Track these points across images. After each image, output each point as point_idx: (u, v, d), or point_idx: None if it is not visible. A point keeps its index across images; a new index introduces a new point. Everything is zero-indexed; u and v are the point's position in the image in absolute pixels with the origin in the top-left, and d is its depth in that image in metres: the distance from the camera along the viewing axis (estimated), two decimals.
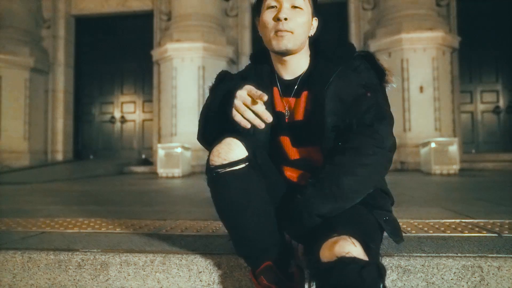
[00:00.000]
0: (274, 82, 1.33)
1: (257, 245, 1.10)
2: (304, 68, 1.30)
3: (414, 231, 1.63)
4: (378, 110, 1.14)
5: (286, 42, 1.21)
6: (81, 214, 2.32)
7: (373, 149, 1.09)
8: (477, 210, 2.22)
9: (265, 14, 1.24)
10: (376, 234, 1.10)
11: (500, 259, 1.19)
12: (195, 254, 1.33)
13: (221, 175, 1.09)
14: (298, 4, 1.22)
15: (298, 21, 1.22)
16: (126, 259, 1.35)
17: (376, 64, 1.21)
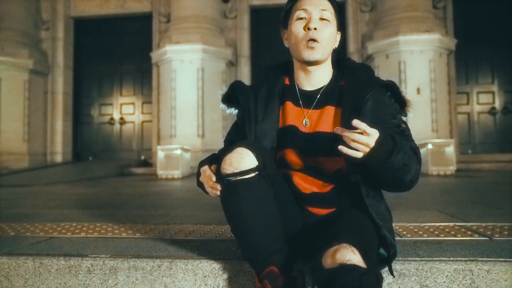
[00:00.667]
0: (291, 94, 1.38)
1: (263, 251, 1.16)
2: (326, 81, 1.37)
3: (409, 235, 1.70)
4: (413, 139, 1.27)
5: (316, 53, 1.29)
6: (86, 219, 2.38)
7: (415, 169, 1.19)
8: (471, 213, 2.29)
9: (295, 25, 1.31)
10: (375, 245, 1.17)
11: (489, 263, 1.26)
12: (200, 259, 1.40)
13: (232, 183, 1.15)
14: (326, 16, 1.30)
15: (326, 32, 1.29)
16: (134, 264, 1.41)
17: (400, 94, 1.29)
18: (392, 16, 7.88)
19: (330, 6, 1.33)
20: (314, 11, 1.29)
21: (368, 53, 8.11)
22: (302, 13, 1.31)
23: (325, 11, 1.30)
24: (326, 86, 1.36)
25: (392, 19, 7.85)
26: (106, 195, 4.14)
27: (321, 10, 1.30)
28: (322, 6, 1.31)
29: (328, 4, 1.32)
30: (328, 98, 1.33)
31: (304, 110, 1.35)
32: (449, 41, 7.89)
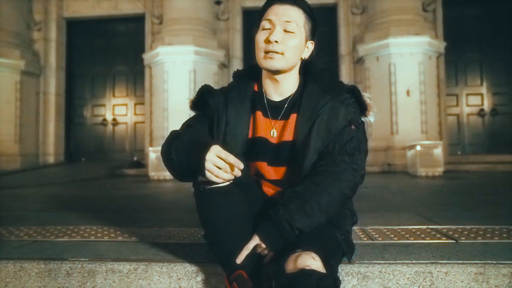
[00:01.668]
0: (260, 103, 1.40)
1: (233, 255, 1.22)
2: (293, 90, 1.39)
3: (381, 238, 1.76)
4: (359, 143, 1.28)
5: (275, 63, 1.30)
6: (72, 221, 2.42)
7: (351, 176, 1.24)
8: (446, 216, 2.36)
9: (259, 35, 1.33)
10: (337, 251, 1.23)
11: (448, 265, 1.32)
12: (175, 262, 1.45)
13: (206, 191, 1.20)
14: (291, 29, 1.30)
15: (289, 44, 1.30)
16: (111, 267, 1.46)
17: (361, 98, 1.32)
18: (382, 19, 7.97)
19: (299, 15, 1.32)
20: (278, 22, 1.29)
21: (359, 55, 8.20)
22: (267, 23, 1.31)
23: (289, 23, 1.29)
24: (292, 96, 1.38)
25: (382, 22, 7.94)
26: (95, 197, 4.18)
27: (285, 22, 1.29)
28: (288, 17, 1.30)
29: (296, 14, 1.31)
30: (293, 107, 1.36)
31: (272, 121, 1.38)
32: (438, 44, 8.00)
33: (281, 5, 1.31)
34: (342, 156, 1.24)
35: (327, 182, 1.21)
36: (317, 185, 1.20)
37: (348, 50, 8.67)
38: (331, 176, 1.21)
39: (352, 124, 1.28)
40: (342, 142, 1.25)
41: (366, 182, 4.53)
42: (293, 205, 1.17)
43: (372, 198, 3.39)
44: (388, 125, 7.66)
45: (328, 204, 1.20)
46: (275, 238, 1.18)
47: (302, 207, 1.17)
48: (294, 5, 1.32)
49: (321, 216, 1.19)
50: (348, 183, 1.23)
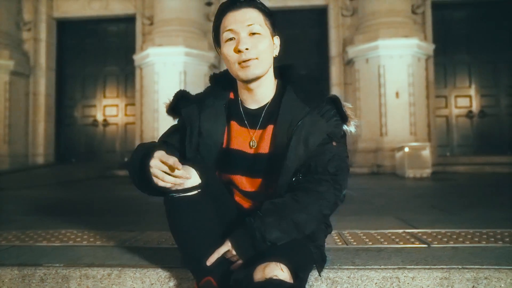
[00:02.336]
0: (236, 113, 1.37)
1: (202, 262, 1.23)
2: (270, 97, 1.35)
3: (355, 243, 1.78)
4: (341, 162, 1.27)
5: (253, 70, 1.25)
6: (54, 225, 2.42)
7: (334, 197, 1.23)
8: (425, 219, 2.39)
9: (225, 48, 1.27)
10: (308, 263, 1.23)
11: (415, 270, 1.35)
12: (148, 268, 1.47)
13: (175, 199, 1.22)
14: (256, 30, 1.25)
15: (260, 47, 1.25)
16: (85, 272, 1.47)
17: (341, 109, 1.30)
18: (372, 21, 8.02)
19: (258, 15, 1.27)
20: (241, 29, 1.25)
21: (349, 57, 8.24)
22: (230, 34, 1.26)
23: (252, 25, 1.25)
24: (270, 103, 1.34)
25: (372, 24, 7.99)
26: (82, 199, 4.18)
27: (247, 26, 1.25)
28: (248, 21, 1.25)
29: (255, 15, 1.27)
30: (271, 117, 1.32)
31: (250, 130, 1.34)
32: (427, 46, 8.06)
33: (236, 11, 1.27)
34: (325, 176, 1.23)
35: (308, 200, 1.20)
36: (298, 202, 1.20)
37: (338, 51, 8.71)
38: (314, 195, 1.21)
39: (333, 140, 1.26)
40: (324, 161, 1.24)
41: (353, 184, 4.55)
42: (270, 218, 1.17)
43: (356, 201, 3.42)
44: (377, 127, 7.71)
45: (305, 223, 1.19)
46: (246, 247, 1.19)
47: (278, 223, 1.17)
48: (250, 7, 1.27)
49: (296, 233, 1.19)
50: (329, 203, 1.23)
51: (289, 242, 1.19)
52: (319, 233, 1.35)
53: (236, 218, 1.33)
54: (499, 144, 8.58)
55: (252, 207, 1.37)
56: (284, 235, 1.17)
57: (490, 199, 3.46)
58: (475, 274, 1.32)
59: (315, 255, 1.27)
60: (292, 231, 1.18)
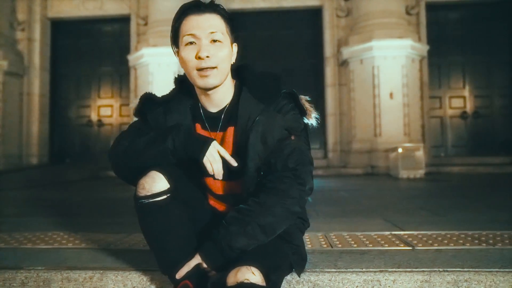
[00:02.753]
0: (198, 116, 1.36)
1: (177, 266, 1.23)
2: (228, 100, 1.33)
3: (340, 245, 1.78)
4: (301, 155, 1.23)
5: (212, 80, 1.24)
6: (42, 227, 2.41)
7: (298, 192, 1.20)
8: (413, 221, 2.39)
9: (185, 51, 1.25)
10: (282, 265, 1.21)
11: (396, 273, 1.35)
12: (130, 271, 1.46)
13: (144, 205, 1.22)
14: (218, 38, 1.24)
15: (220, 55, 1.24)
16: (67, 275, 1.47)
17: (299, 103, 1.29)
18: (366, 22, 8.03)
19: (220, 22, 1.26)
20: (203, 35, 1.23)
21: (343, 58, 8.26)
22: (191, 38, 1.23)
23: (215, 33, 1.23)
24: (228, 105, 1.33)
25: (366, 25, 8.00)
26: (72, 201, 4.16)
27: (210, 33, 1.23)
28: (211, 28, 1.24)
29: (218, 22, 1.25)
30: (230, 119, 1.32)
31: (211, 133, 1.34)
32: (421, 47, 8.08)
33: (199, 16, 1.24)
34: (285, 172, 1.20)
35: (271, 201, 1.17)
36: (261, 205, 1.17)
37: (333, 52, 8.72)
38: (276, 194, 1.18)
39: (291, 134, 1.25)
40: (283, 157, 1.21)
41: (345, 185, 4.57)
42: (234, 226, 1.16)
43: (346, 202, 3.43)
44: (372, 127, 7.72)
45: (272, 225, 1.17)
46: (215, 258, 1.18)
47: (243, 229, 1.15)
48: (213, 13, 1.25)
49: (265, 237, 1.17)
50: (294, 199, 1.19)
51: (263, 244, 1.18)
52: (295, 231, 1.33)
53: (211, 222, 1.34)
54: (492, 145, 8.62)
55: (226, 209, 1.37)
56: (252, 241, 1.16)
57: (481, 200, 3.47)
58: (456, 277, 1.32)
59: (294, 256, 1.27)
60: (260, 235, 1.16)
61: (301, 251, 1.33)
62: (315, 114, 1.32)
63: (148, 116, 1.36)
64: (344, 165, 8.13)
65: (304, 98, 1.32)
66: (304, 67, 8.97)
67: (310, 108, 1.31)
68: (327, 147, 8.67)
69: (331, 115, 8.60)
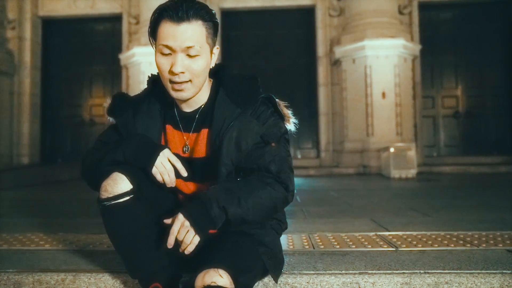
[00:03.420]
0: (171, 115, 1.32)
1: (146, 269, 1.19)
2: (203, 100, 1.30)
3: (323, 246, 1.75)
4: (282, 162, 1.21)
5: (185, 94, 1.21)
6: (23, 228, 2.36)
7: (282, 190, 1.19)
8: (399, 222, 2.36)
9: (160, 59, 1.19)
10: (254, 267, 1.16)
11: (375, 275, 1.32)
12: (103, 273, 1.42)
13: (107, 208, 1.18)
14: (194, 52, 1.16)
15: (195, 69, 1.18)
16: (38, 278, 1.42)
17: (277, 108, 1.26)
18: (359, 21, 8.01)
19: (200, 31, 1.16)
20: (178, 48, 1.15)
21: (336, 57, 8.24)
22: (166, 49, 1.16)
23: (191, 47, 1.15)
24: (203, 106, 1.30)
25: (359, 24, 7.98)
26: (60, 201, 4.10)
27: (186, 48, 1.15)
28: (188, 41, 1.14)
29: (196, 33, 1.16)
30: (204, 120, 1.29)
31: (184, 134, 1.31)
32: (414, 47, 8.07)
33: (177, 25, 1.14)
34: (268, 174, 1.19)
35: (258, 185, 1.16)
36: (250, 184, 1.16)
37: (325, 51, 8.70)
38: (263, 183, 1.17)
39: (270, 140, 1.21)
40: (265, 163, 1.19)
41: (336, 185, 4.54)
42: (222, 192, 1.12)
43: (335, 202, 3.40)
44: (364, 127, 7.70)
45: (258, 205, 1.14)
46: (202, 217, 1.08)
47: (231, 196, 1.11)
48: (193, 20, 1.15)
49: (249, 212, 1.12)
50: (277, 192, 1.18)
51: (233, 246, 1.15)
52: (269, 233, 1.29)
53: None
54: (485, 145, 8.63)
55: None
56: (239, 210, 1.11)
57: (471, 200, 3.45)
58: (436, 279, 1.29)
59: (270, 260, 1.21)
60: (247, 208, 1.11)
61: (277, 255, 1.27)
62: (294, 120, 1.29)
63: (117, 121, 1.33)
64: (336, 165, 8.11)
65: (282, 103, 1.29)
66: (296, 66, 8.94)
67: (288, 113, 1.28)
68: (320, 146, 8.64)
69: (323, 114, 8.58)
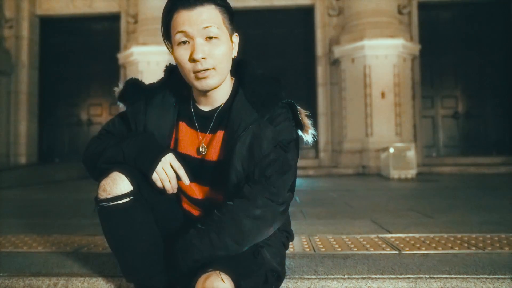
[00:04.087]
0: (187, 113, 1.24)
1: (143, 273, 1.14)
2: (223, 99, 1.22)
3: (324, 249, 1.70)
4: (282, 165, 1.12)
5: (211, 82, 1.13)
6: (16, 229, 2.31)
7: (264, 200, 1.07)
8: (400, 223, 2.32)
9: (178, 51, 1.12)
10: (256, 271, 1.09)
11: (379, 280, 1.27)
12: (97, 277, 1.37)
13: (105, 209, 1.12)
14: (214, 34, 1.10)
15: (217, 54, 1.11)
16: (30, 283, 1.37)
17: (297, 115, 1.17)
18: (358, 21, 7.98)
19: (216, 14, 1.11)
20: (196, 33, 1.09)
21: (335, 57, 8.19)
22: (183, 37, 1.10)
23: (209, 27, 1.09)
24: (222, 106, 1.22)
25: (358, 24, 7.95)
26: (55, 201, 4.05)
27: (203, 29, 1.09)
28: (204, 22, 1.09)
29: (212, 14, 1.10)
30: (221, 121, 1.21)
31: (199, 134, 1.23)
32: (413, 47, 8.03)
33: (190, 10, 1.09)
34: (260, 179, 1.09)
35: (235, 210, 1.06)
36: (223, 214, 1.06)
37: (324, 51, 8.65)
38: (241, 203, 1.07)
39: (279, 145, 1.13)
40: (263, 166, 1.10)
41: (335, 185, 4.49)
42: (192, 235, 1.06)
43: (334, 203, 3.35)
44: (363, 127, 7.66)
45: (235, 235, 1.05)
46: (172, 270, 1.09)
47: (200, 239, 1.05)
48: (205, 4, 1.10)
49: (224, 248, 1.05)
50: (262, 209, 1.06)
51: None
52: (279, 248, 1.23)
53: (181, 227, 1.23)
54: (484, 145, 8.61)
55: (201, 215, 1.27)
56: (208, 252, 1.04)
57: (471, 201, 3.41)
58: (442, 284, 1.24)
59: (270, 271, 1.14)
60: (219, 247, 1.05)
61: (279, 271, 1.17)
62: (312, 131, 1.19)
63: (127, 110, 1.25)
64: (335, 165, 8.07)
65: (303, 112, 1.20)
66: (295, 66, 8.90)
67: (308, 123, 1.19)
68: (318, 147, 8.60)
69: (322, 114, 8.54)
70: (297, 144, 1.20)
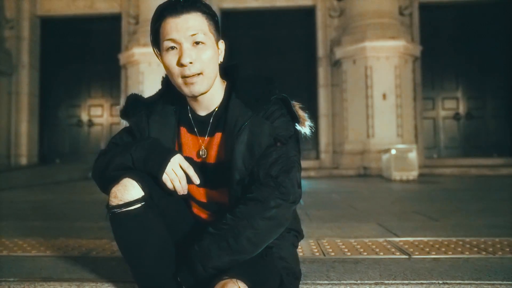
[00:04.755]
0: (185, 119, 1.27)
1: (155, 281, 1.14)
2: (217, 103, 1.24)
3: (333, 253, 1.70)
4: (286, 162, 1.13)
5: (199, 87, 1.15)
6: (20, 232, 2.30)
7: (277, 201, 1.08)
8: (407, 226, 2.32)
9: (166, 57, 1.16)
10: (273, 280, 1.11)
11: (392, 286, 1.27)
12: (109, 282, 1.36)
13: (117, 215, 1.12)
14: (200, 39, 1.14)
15: (204, 58, 1.14)
16: None
17: (291, 109, 1.19)
18: (359, 22, 7.99)
19: (202, 21, 1.15)
20: (183, 39, 1.12)
21: (336, 58, 8.20)
22: (171, 43, 1.14)
23: (196, 34, 1.13)
24: (217, 109, 1.24)
25: (359, 25, 7.96)
26: (57, 203, 4.04)
27: (191, 36, 1.13)
28: (191, 30, 1.12)
29: (198, 21, 1.14)
30: (218, 124, 1.23)
31: (199, 138, 1.26)
32: (414, 48, 8.05)
33: (177, 17, 1.13)
34: (266, 180, 1.10)
35: (248, 212, 1.07)
36: (237, 218, 1.06)
37: (325, 52, 8.66)
38: (253, 205, 1.07)
39: (278, 141, 1.15)
40: (267, 165, 1.12)
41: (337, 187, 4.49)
42: (208, 241, 1.06)
43: (338, 205, 3.35)
44: (364, 128, 7.67)
45: (252, 238, 1.06)
46: (190, 278, 1.08)
47: (217, 244, 1.05)
48: (192, 12, 1.14)
49: (243, 251, 1.06)
50: (275, 210, 1.07)
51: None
52: (288, 247, 1.24)
53: (192, 231, 1.24)
54: (485, 146, 8.62)
55: (210, 218, 1.28)
56: (228, 257, 1.04)
57: (476, 204, 3.41)
58: None
59: (288, 277, 1.15)
60: (238, 251, 1.05)
61: (294, 269, 1.21)
62: (309, 122, 1.21)
63: (130, 121, 1.28)
64: (336, 166, 8.07)
65: (297, 105, 1.22)
66: (296, 67, 8.91)
67: (304, 115, 1.21)
68: (319, 148, 8.60)
69: (323, 116, 8.54)
70: (297, 138, 1.22)
